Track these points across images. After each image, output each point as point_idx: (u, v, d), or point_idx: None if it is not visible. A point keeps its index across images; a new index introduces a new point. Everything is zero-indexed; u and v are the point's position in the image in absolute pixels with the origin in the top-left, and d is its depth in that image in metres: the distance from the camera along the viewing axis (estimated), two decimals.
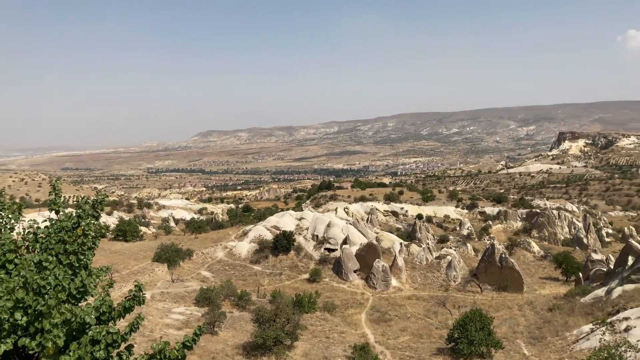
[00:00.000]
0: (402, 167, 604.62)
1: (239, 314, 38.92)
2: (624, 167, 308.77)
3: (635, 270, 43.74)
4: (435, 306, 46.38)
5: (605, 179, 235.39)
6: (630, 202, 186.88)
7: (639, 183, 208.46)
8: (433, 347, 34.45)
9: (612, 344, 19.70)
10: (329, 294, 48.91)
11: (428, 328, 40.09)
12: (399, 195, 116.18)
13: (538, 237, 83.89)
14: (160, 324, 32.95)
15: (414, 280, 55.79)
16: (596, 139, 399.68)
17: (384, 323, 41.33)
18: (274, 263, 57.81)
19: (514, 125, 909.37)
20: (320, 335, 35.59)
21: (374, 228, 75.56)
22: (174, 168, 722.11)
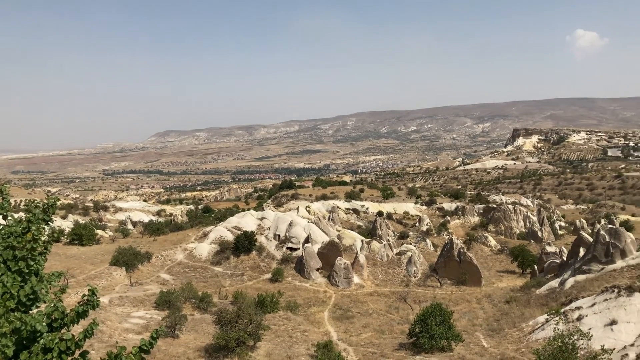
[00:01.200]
0: (363, 165, 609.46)
1: (201, 316, 38.42)
2: (574, 162, 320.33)
3: (587, 261, 45.40)
4: (397, 302, 46.95)
5: (558, 174, 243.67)
6: (581, 195, 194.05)
7: (589, 177, 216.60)
8: (395, 342, 34.88)
9: (566, 333, 20.42)
10: (291, 293, 48.85)
11: (390, 324, 40.55)
12: (359, 193, 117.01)
13: (495, 231, 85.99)
14: (120, 329, 32.18)
15: (376, 277, 56.31)
16: (548, 135, 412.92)
17: (346, 320, 41.57)
18: (235, 264, 57.32)
19: (470, 123, 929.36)
20: (283, 335, 35.52)
21: (335, 226, 75.88)
22: (131, 169, 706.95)
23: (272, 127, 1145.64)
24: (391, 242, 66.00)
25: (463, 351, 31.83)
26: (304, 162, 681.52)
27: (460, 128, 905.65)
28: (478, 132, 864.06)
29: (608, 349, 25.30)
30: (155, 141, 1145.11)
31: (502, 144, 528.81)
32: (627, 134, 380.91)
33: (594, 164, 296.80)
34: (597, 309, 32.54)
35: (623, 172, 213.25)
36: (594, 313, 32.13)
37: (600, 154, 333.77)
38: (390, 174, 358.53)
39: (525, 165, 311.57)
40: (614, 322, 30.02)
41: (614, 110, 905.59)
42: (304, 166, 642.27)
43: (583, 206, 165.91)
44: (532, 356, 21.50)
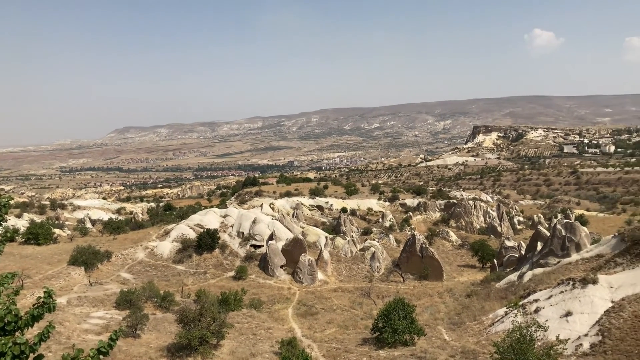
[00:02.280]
0: (327, 161, 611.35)
1: (163, 315, 37.80)
2: (532, 158, 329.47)
3: (544, 255, 46.79)
4: (360, 297, 47.32)
5: (516, 170, 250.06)
6: (539, 191, 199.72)
7: (546, 173, 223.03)
8: (359, 337, 35.14)
9: (524, 325, 20.98)
10: (255, 291, 48.61)
11: (354, 319, 40.84)
12: (323, 190, 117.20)
13: (456, 226, 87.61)
14: (78, 330, 31.36)
15: (340, 273, 56.59)
16: (507, 132, 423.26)
17: (310, 317, 41.65)
18: (198, 262, 56.66)
19: (431, 120, 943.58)
20: (247, 333, 35.33)
21: (299, 223, 75.85)
22: (90, 167, 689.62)
23: (235, 123, 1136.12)
24: (355, 238, 66.42)
25: (425, 345, 32.33)
26: (268, 159, 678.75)
27: (422, 125, 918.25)
28: (439, 129, 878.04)
29: (563, 339, 26.13)
30: (114, 138, 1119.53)
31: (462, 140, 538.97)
32: (582, 131, 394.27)
33: (551, 160, 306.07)
34: (553, 301, 33.56)
35: (578, 168, 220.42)
36: (551, 305, 33.12)
37: (557, 150, 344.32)
38: (354, 171, 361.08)
39: (485, 162, 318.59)
40: (569, 313, 31.02)
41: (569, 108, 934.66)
42: (267, 163, 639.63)
43: (540, 201, 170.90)
44: (492, 348, 22.03)
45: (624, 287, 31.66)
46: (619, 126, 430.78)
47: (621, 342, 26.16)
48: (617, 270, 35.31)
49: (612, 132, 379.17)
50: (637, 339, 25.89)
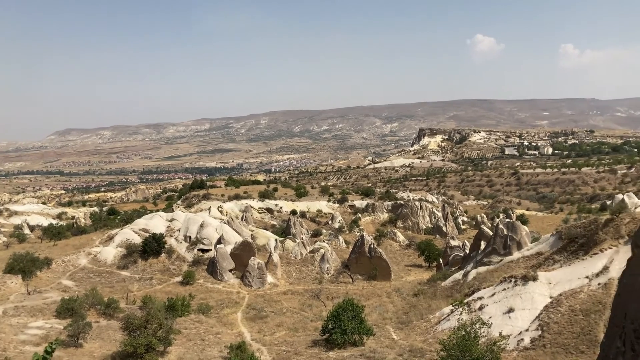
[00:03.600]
0: (276, 164, 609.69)
1: (107, 323, 36.62)
2: (475, 160, 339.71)
3: (487, 254, 48.30)
4: (310, 299, 47.40)
5: (460, 172, 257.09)
6: (482, 191, 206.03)
7: (489, 174, 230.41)
8: (309, 339, 35.17)
9: (469, 322, 21.57)
10: (203, 296, 47.84)
11: (303, 321, 40.85)
12: (273, 192, 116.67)
13: (403, 227, 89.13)
14: (15, 342, 29.94)
15: (290, 275, 56.48)
16: (452, 135, 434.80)
17: (260, 320, 41.38)
18: (143, 267, 55.19)
19: (379, 123, 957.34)
20: (195, 338, 34.72)
21: (249, 226, 75.23)
22: (28, 170, 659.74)
23: (182, 125, 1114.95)
24: (305, 240, 66.46)
25: (374, 344, 32.71)
26: (216, 162, 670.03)
27: (370, 128, 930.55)
28: (387, 131, 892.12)
29: (506, 335, 27.08)
30: (55, 140, 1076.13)
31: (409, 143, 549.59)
32: (522, 134, 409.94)
33: (493, 162, 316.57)
34: (496, 298, 34.68)
35: (519, 170, 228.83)
36: (494, 302, 34.22)
37: (499, 152, 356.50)
38: (303, 173, 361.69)
39: (431, 164, 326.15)
40: (511, 309, 32.13)
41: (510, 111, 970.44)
42: (215, 165, 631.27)
43: (483, 202, 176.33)
44: (439, 346, 22.54)
45: (562, 283, 33.09)
46: (556, 129, 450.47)
47: (559, 336, 27.32)
48: (556, 267, 36.87)
49: (550, 135, 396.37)
50: (573, 332, 27.10)
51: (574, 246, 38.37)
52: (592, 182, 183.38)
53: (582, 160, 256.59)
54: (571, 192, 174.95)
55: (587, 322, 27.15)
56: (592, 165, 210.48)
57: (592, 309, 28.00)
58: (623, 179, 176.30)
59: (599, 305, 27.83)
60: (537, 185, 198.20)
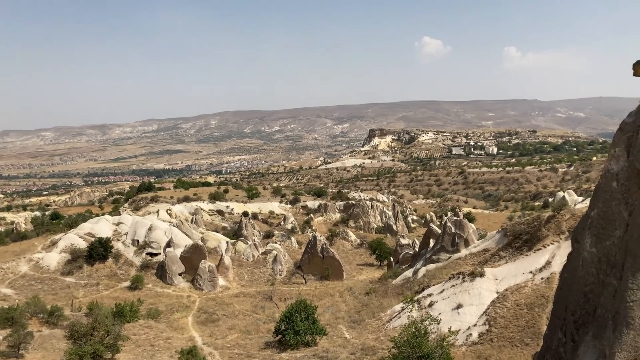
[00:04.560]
0: (227, 165, 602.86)
1: (50, 331, 35.20)
2: (424, 160, 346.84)
3: (436, 251, 49.34)
4: (263, 301, 47.12)
5: (410, 171, 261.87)
6: (430, 190, 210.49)
7: (437, 174, 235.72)
8: (261, 341, 34.94)
9: (419, 319, 21.94)
10: (153, 300, 46.76)
11: (256, 324, 40.56)
12: (224, 194, 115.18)
13: (355, 226, 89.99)
14: None
15: (241, 278, 55.99)
16: (401, 135, 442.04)
17: (211, 324, 40.80)
18: (89, 273, 53.38)
19: (330, 123, 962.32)
20: (145, 344, 33.86)
21: (199, 228, 74.06)
22: None
23: (129, 126, 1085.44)
24: (257, 242, 66.04)
25: (327, 344, 32.82)
26: (164, 163, 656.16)
27: (322, 128, 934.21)
28: (338, 132, 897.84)
29: (455, 330, 27.70)
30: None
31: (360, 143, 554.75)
32: (468, 134, 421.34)
33: (441, 162, 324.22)
34: (445, 294, 35.46)
35: (465, 169, 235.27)
36: (443, 299, 34.98)
37: (446, 152, 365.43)
38: (255, 174, 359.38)
39: (381, 164, 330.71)
40: (460, 305, 32.93)
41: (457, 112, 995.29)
42: (164, 167, 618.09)
43: (432, 200, 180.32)
44: (390, 344, 22.84)
45: (507, 279, 34.18)
46: (501, 129, 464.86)
47: (505, 330, 28.20)
48: (501, 262, 38.05)
49: (495, 135, 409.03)
50: (518, 326, 28.03)
51: (519, 242, 39.72)
52: (535, 180, 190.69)
53: (525, 159, 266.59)
54: (515, 190, 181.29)
55: (532, 315, 28.14)
56: (534, 164, 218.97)
57: (536, 302, 29.04)
58: (564, 177, 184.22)
59: (542, 299, 28.90)
60: (483, 184, 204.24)
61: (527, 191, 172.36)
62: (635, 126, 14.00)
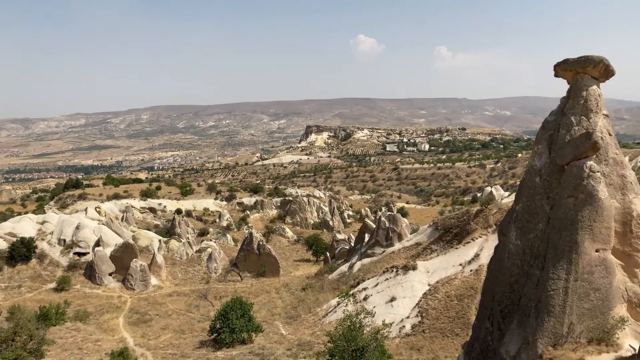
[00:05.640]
0: (159, 161, 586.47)
1: None
2: (360, 156, 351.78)
3: (371, 246, 50.25)
4: (197, 300, 46.30)
5: (346, 168, 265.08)
6: (366, 186, 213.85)
7: (372, 170, 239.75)
8: (196, 341, 34.32)
9: (354, 313, 22.18)
10: (81, 302, 44.85)
11: (190, 323, 39.81)
12: (156, 191, 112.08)
13: (291, 222, 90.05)
14: None
15: (175, 277, 54.74)
16: (337, 132, 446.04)
17: (144, 324, 39.65)
18: (10, 275, 50.38)
19: (267, 119, 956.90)
20: (72, 348, 32.42)
21: (130, 227, 71.72)
22: None
23: (54, 120, 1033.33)
24: (191, 239, 64.77)
25: (263, 341, 32.69)
26: (93, 159, 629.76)
27: (258, 124, 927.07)
28: (274, 128, 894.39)
29: (389, 323, 28.29)
30: None
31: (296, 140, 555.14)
32: (402, 131, 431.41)
33: (376, 158, 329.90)
34: (380, 288, 36.17)
35: (399, 165, 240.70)
36: (378, 292, 35.67)
37: (381, 149, 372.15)
38: (189, 170, 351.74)
39: (318, 160, 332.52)
40: (393, 298, 33.69)
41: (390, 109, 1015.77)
42: (92, 163, 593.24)
43: (367, 196, 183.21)
44: (326, 338, 22.99)
45: (438, 271, 35.30)
46: (432, 127, 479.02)
47: (437, 321, 29.12)
48: (433, 256, 39.25)
49: (427, 132, 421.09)
50: (449, 317, 29.01)
51: (449, 236, 41.11)
52: (465, 176, 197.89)
53: (455, 156, 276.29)
54: (446, 185, 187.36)
55: (461, 306, 29.20)
56: (464, 161, 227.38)
57: (465, 294, 30.16)
58: (491, 172, 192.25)
59: (471, 290, 30.05)
60: (415, 180, 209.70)
61: (457, 186, 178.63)
62: (556, 124, 14.79)
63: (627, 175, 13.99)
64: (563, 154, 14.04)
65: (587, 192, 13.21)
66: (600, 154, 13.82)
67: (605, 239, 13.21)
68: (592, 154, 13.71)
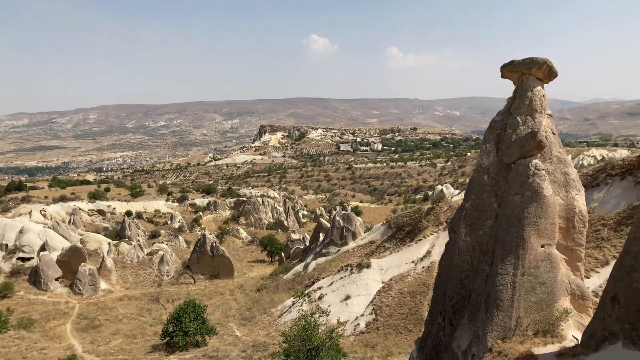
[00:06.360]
0: (108, 162, 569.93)
1: None
2: (314, 156, 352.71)
3: (326, 245, 50.44)
4: (149, 303, 45.28)
5: (300, 167, 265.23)
6: (320, 186, 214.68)
7: (326, 169, 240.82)
8: (148, 345, 33.56)
9: (309, 312, 22.21)
10: (25, 309, 43.03)
11: (142, 327, 38.88)
12: (105, 193, 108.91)
13: (246, 223, 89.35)
14: None
15: (126, 280, 53.37)
16: (291, 132, 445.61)
17: (93, 330, 38.45)
18: None
19: (219, 119, 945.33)
20: (16, 357, 31.05)
21: (77, 230, 69.38)
22: None
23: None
24: (142, 242, 63.34)
25: (217, 344, 32.28)
26: (38, 160, 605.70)
27: (210, 124, 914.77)
28: (227, 128, 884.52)
29: (344, 321, 28.49)
30: None
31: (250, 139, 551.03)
32: (355, 131, 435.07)
33: (330, 158, 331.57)
34: (334, 287, 36.36)
35: (352, 164, 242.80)
36: (333, 291, 35.84)
37: (335, 148, 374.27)
38: (139, 171, 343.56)
39: (272, 160, 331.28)
40: (348, 297, 33.93)
41: (344, 109, 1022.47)
42: (37, 165, 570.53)
43: (322, 195, 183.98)
44: (281, 338, 22.94)
45: (392, 269, 35.79)
46: (385, 127, 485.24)
47: (390, 318, 29.52)
48: (386, 253, 39.77)
49: (380, 132, 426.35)
50: (402, 314, 29.47)
51: (402, 234, 41.76)
52: (416, 174, 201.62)
53: (407, 155, 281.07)
54: (398, 184, 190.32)
55: (414, 303, 29.71)
56: (416, 160, 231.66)
57: (417, 290, 30.71)
58: (442, 171, 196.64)
59: (424, 286, 30.62)
60: (369, 179, 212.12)
61: (409, 185, 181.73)
62: (503, 124, 15.24)
63: (569, 173, 14.55)
64: (510, 153, 14.48)
65: (533, 189, 13.66)
66: (545, 152, 14.32)
67: (550, 235, 13.70)
68: (537, 153, 14.19)
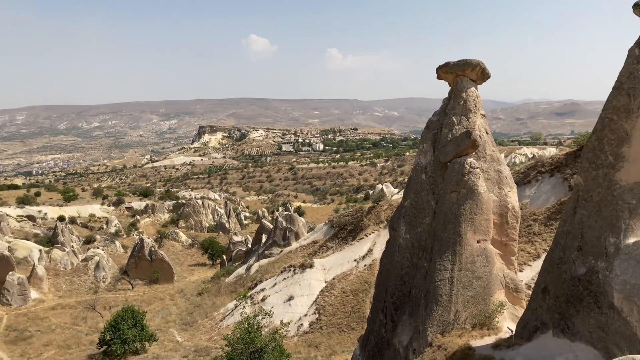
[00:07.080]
0: (38, 165, 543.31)
1: None
2: (255, 156, 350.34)
3: (269, 246, 50.21)
4: (84, 311, 43.51)
5: (241, 168, 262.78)
6: (262, 187, 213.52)
7: (268, 170, 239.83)
8: (83, 355, 32.26)
9: (252, 314, 22.00)
10: None
11: (77, 336, 37.32)
12: (35, 197, 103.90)
13: (185, 226, 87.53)
14: None
15: (59, 288, 51.05)
16: (232, 132, 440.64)
17: (23, 342, 36.53)
18: None
19: (156, 120, 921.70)
20: None
21: (4, 237, 65.72)
22: None
23: None
24: (76, 248, 60.80)
25: (158, 350, 31.46)
26: None
27: (147, 125, 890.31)
28: (165, 128, 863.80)
29: (287, 322, 28.43)
30: None
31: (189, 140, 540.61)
32: (297, 132, 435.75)
33: (272, 158, 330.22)
34: (278, 288, 36.24)
35: (295, 165, 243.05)
36: (276, 292, 35.71)
37: (277, 149, 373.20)
38: (72, 174, 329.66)
39: (212, 161, 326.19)
40: (291, 297, 33.90)
41: (285, 110, 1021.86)
42: None
43: (264, 196, 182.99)
44: (224, 342, 22.61)
45: (334, 268, 36.06)
46: (326, 127, 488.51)
47: (333, 317, 29.73)
48: (329, 253, 40.03)
49: (321, 132, 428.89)
50: (345, 312, 29.74)
51: (344, 233, 42.17)
52: (357, 174, 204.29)
53: (348, 155, 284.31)
54: (340, 184, 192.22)
55: (357, 301, 30.05)
56: (356, 160, 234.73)
57: (360, 288, 31.08)
58: (382, 170, 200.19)
59: (366, 284, 31.02)
60: (311, 179, 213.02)
61: (350, 185, 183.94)
62: (439, 124, 15.67)
63: (502, 171, 15.13)
64: (446, 152, 14.90)
65: (468, 187, 14.11)
66: (479, 151, 14.83)
67: (485, 230, 14.20)
68: (471, 152, 14.67)
